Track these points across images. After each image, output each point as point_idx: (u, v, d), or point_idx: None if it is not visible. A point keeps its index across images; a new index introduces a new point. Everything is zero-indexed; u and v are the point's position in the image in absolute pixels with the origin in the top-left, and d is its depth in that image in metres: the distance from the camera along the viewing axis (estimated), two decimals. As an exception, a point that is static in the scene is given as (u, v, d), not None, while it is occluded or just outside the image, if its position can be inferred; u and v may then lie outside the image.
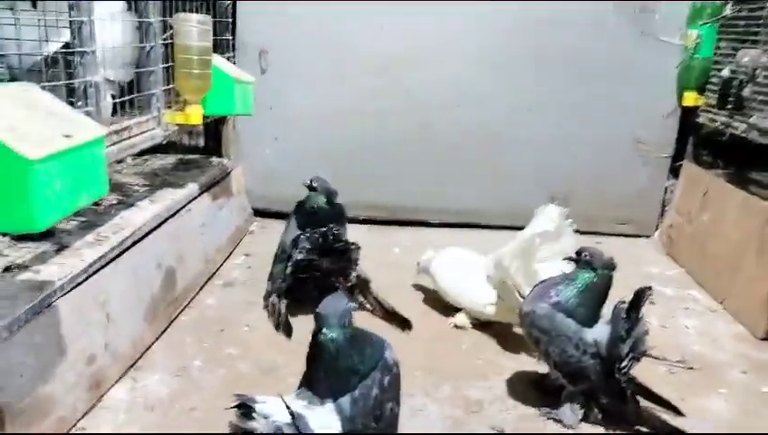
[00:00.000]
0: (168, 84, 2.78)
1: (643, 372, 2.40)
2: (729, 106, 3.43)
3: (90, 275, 2.07)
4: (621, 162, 3.96)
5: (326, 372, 1.53)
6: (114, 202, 2.72)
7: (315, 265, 2.59)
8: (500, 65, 3.83)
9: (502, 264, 2.51)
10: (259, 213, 3.98)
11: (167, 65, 2.74)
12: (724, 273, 3.13)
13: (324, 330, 1.50)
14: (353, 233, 3.49)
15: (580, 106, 3.88)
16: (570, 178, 3.91)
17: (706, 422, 2.16)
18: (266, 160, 3.94)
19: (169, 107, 2.86)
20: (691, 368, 2.50)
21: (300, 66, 3.84)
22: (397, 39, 3.80)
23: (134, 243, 2.40)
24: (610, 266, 2.08)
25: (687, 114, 3.86)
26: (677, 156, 3.96)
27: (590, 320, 2.07)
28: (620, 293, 2.19)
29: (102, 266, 2.16)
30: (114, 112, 2.53)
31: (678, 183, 3.92)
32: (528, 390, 2.29)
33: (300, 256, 2.57)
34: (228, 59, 3.52)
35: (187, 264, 2.84)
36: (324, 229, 2.56)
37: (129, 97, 2.44)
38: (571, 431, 2.09)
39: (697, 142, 3.90)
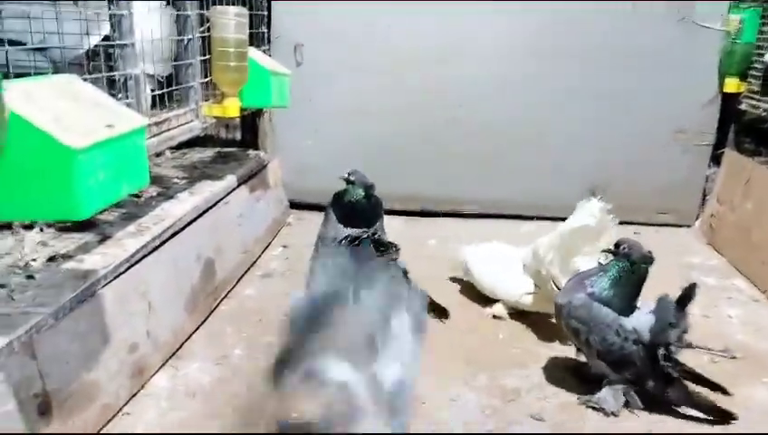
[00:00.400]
0: (205, 77, 2.81)
1: (685, 361, 2.38)
2: (772, 92, 3.35)
3: (131, 265, 2.11)
4: (661, 151, 3.89)
5: None
6: (154, 194, 2.77)
7: None
8: (535, 56, 3.79)
9: (538, 253, 2.50)
10: (295, 205, 4.02)
11: (204, 58, 2.77)
12: (767, 262, 3.05)
13: None
14: (390, 225, 3.50)
15: (619, 95, 3.82)
16: (609, 167, 3.85)
17: (751, 411, 2.11)
18: (302, 153, 3.97)
19: (207, 100, 2.89)
20: (734, 357, 2.45)
21: (334, 60, 3.86)
22: (430, 33, 3.79)
23: (174, 234, 2.44)
24: (648, 260, 2.08)
25: (729, 101, 3.77)
26: (719, 144, 3.87)
27: (626, 310, 2.09)
28: (661, 283, 2.20)
29: (144, 257, 2.20)
30: (153, 106, 2.57)
31: (720, 171, 3.84)
32: (566, 377, 2.27)
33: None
34: (264, 52, 3.55)
35: (226, 255, 2.88)
36: (365, 234, 2.53)
37: (169, 90, 2.47)
38: (612, 419, 2.06)
39: (739, 130, 3.82)
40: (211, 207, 2.81)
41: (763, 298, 2.99)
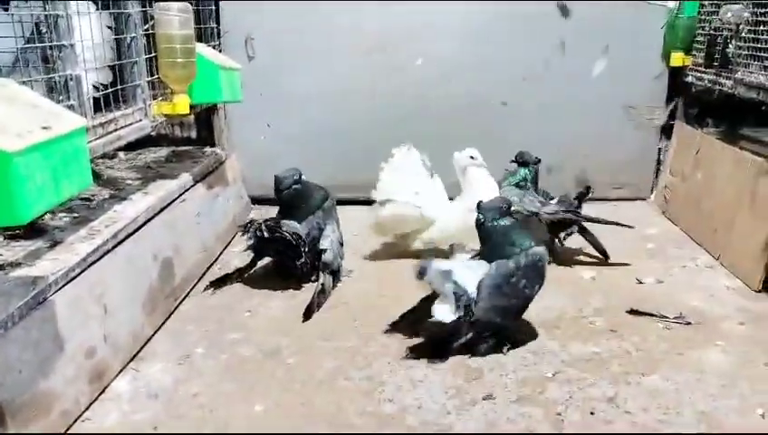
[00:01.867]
0: (152, 75, 2.77)
1: (641, 329, 2.45)
2: (715, 64, 3.42)
3: (84, 269, 2.08)
4: (614, 127, 3.96)
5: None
6: (107, 196, 2.74)
7: (266, 249, 2.91)
8: (490, 37, 3.83)
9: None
10: (258, 201, 3.99)
11: (150, 56, 2.73)
12: (719, 229, 3.14)
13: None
14: (354, 215, 3.53)
15: (571, 74, 3.88)
16: (564, 145, 3.91)
17: (705, 374, 2.17)
18: (261, 148, 3.95)
19: (156, 98, 2.85)
20: (689, 323, 2.51)
21: (288, 51, 3.84)
22: (385, 17, 3.80)
23: (128, 235, 2.41)
24: (538, 161, 3.11)
25: (676, 75, 3.85)
26: (669, 117, 3.95)
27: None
28: (620, 254, 3.05)
29: (97, 260, 2.17)
30: (100, 108, 2.52)
31: (671, 144, 3.91)
32: (526, 355, 2.31)
33: (250, 242, 2.83)
34: (214, 47, 3.52)
35: (185, 254, 2.86)
36: (262, 222, 2.79)
37: (113, 89, 2.43)
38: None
39: (687, 102, 3.90)
40: (166, 207, 2.79)
41: (717, 265, 3.07)
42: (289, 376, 2.21)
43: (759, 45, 2.96)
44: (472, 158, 3.00)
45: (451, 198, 3.13)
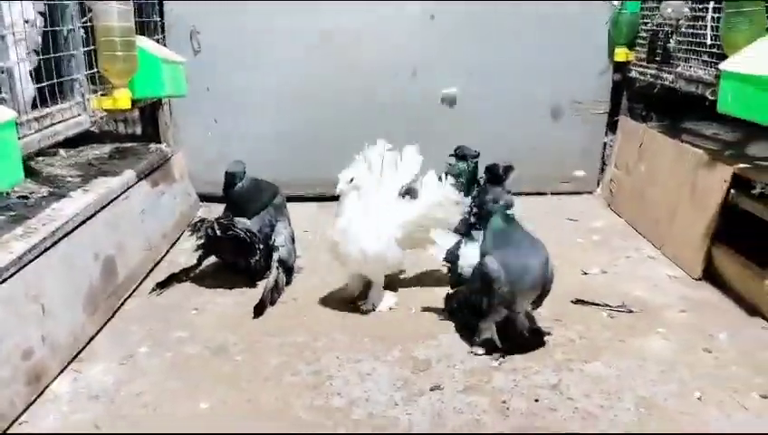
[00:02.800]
0: (91, 69, 2.70)
1: (585, 318, 2.50)
2: (657, 58, 3.51)
3: (19, 269, 2.02)
4: (561, 121, 4.02)
5: None
6: (45, 194, 2.66)
7: (218, 249, 2.89)
8: (438, 33, 3.85)
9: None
10: (206, 198, 3.93)
11: (88, 49, 2.66)
12: (661, 220, 3.22)
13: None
14: (304, 211, 3.51)
15: (518, 70, 3.92)
16: (512, 140, 3.94)
17: (647, 360, 2.23)
18: (208, 144, 3.89)
19: (96, 93, 2.78)
20: (631, 311, 2.57)
21: (236, 45, 3.79)
22: (334, 13, 3.77)
23: (67, 233, 2.34)
24: (477, 155, 3.02)
25: (620, 70, 3.93)
26: (614, 112, 4.04)
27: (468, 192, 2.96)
28: (565, 248, 3.08)
29: (33, 259, 2.10)
30: (39, 103, 2.44)
31: (616, 138, 4.00)
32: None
33: (201, 242, 2.84)
34: (157, 41, 3.45)
35: (129, 252, 2.79)
36: (213, 221, 2.76)
37: (49, 83, 2.35)
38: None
39: (631, 97, 3.99)
40: (108, 205, 2.71)
41: (659, 255, 3.15)
42: (235, 373, 2.18)
43: (698, 40, 3.04)
44: (351, 181, 2.53)
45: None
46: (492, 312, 2.21)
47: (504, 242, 2.18)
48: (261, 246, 2.77)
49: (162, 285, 2.80)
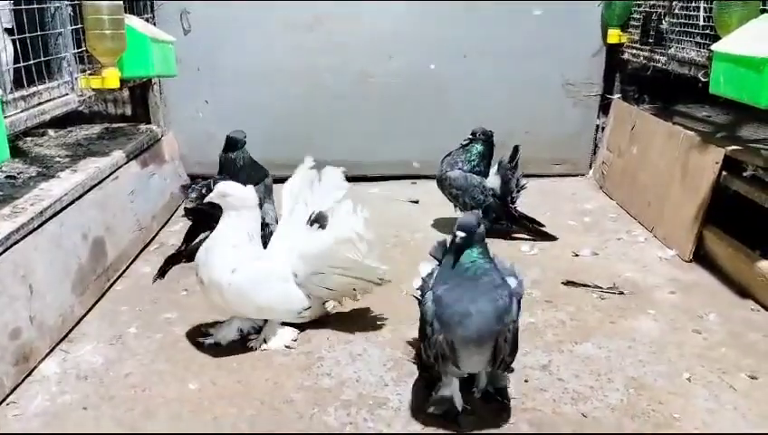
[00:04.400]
0: (79, 48, 2.66)
1: (576, 299, 2.50)
2: (650, 40, 3.50)
3: (6, 249, 2.00)
4: (554, 104, 4.00)
5: None
6: (34, 174, 2.64)
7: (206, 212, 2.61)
8: (431, 13, 3.81)
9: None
10: (197, 179, 3.89)
11: (76, 27, 2.62)
12: (653, 202, 3.22)
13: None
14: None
15: (511, 52, 3.90)
16: (505, 122, 3.91)
17: (638, 342, 2.23)
18: (199, 125, 3.85)
19: (85, 72, 2.74)
20: (622, 293, 2.57)
21: (226, 24, 3.75)
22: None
23: (55, 214, 2.32)
24: (489, 134, 3.10)
25: (613, 52, 3.91)
26: (606, 94, 4.02)
27: (485, 175, 3.11)
28: (558, 229, 3.18)
29: (20, 239, 2.08)
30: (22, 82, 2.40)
31: (608, 120, 3.99)
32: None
33: (189, 206, 2.68)
34: (147, 20, 3.40)
35: (118, 233, 2.77)
36: (208, 181, 2.62)
37: (36, 61, 2.32)
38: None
39: (624, 79, 3.97)
40: (97, 185, 2.69)
41: (650, 237, 3.15)
42: (225, 354, 2.17)
43: (691, 22, 3.03)
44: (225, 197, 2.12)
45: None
46: (436, 364, 1.78)
47: (454, 278, 1.71)
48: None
49: (162, 273, 2.54)
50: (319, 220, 2.25)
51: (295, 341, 2.24)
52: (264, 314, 2.23)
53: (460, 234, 1.69)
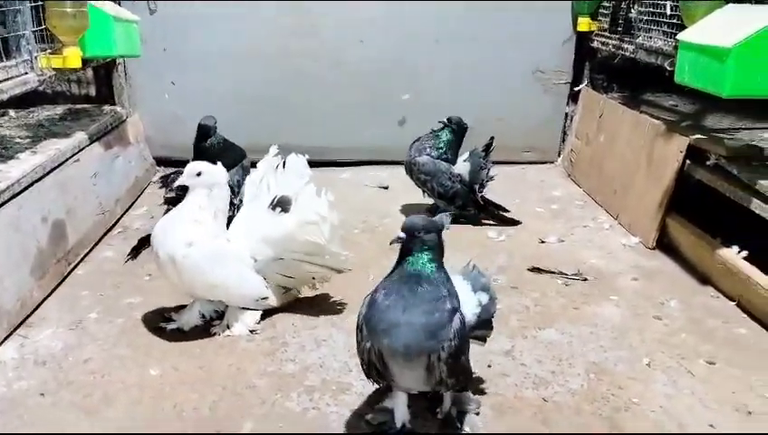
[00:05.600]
0: (39, 26, 2.59)
1: (541, 286, 2.52)
2: (620, 29, 3.52)
3: (-37, 230, 1.95)
4: (523, 91, 4.01)
5: None
6: (-9, 155, 2.57)
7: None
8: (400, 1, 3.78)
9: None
10: (163, 162, 3.84)
11: (36, 4, 2.54)
12: (618, 190, 3.25)
13: None
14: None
15: (481, 38, 3.89)
16: (474, 109, 3.90)
17: (600, 327, 2.26)
18: (165, 107, 3.79)
19: (45, 51, 2.67)
20: (586, 279, 2.60)
21: (193, 5, 3.67)
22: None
23: (13, 196, 2.27)
24: (465, 124, 3.13)
25: (582, 40, 3.93)
26: (575, 82, 4.04)
27: (453, 161, 3.12)
28: (526, 216, 3.22)
29: (-23, 221, 2.03)
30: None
31: (577, 108, 4.01)
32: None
33: (170, 195, 2.69)
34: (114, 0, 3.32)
35: (79, 216, 2.72)
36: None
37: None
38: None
39: (593, 67, 3.99)
40: (57, 167, 2.63)
41: (615, 224, 3.19)
42: (188, 340, 2.15)
43: (659, 11, 3.05)
44: (198, 175, 2.09)
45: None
46: (370, 374, 1.66)
47: (396, 283, 1.58)
48: (237, 201, 2.61)
49: (135, 253, 2.43)
50: (281, 204, 2.21)
51: (258, 324, 2.22)
52: (219, 294, 2.18)
53: (400, 235, 1.57)
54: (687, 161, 2.75)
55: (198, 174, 2.07)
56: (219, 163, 2.17)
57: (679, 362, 2.07)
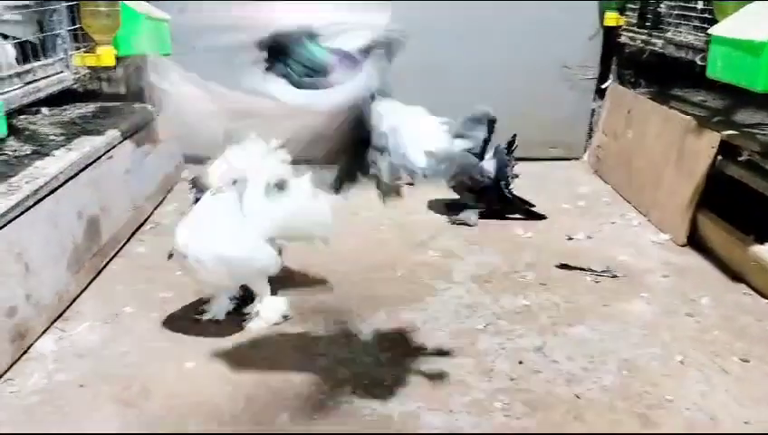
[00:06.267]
0: (74, 25, 2.63)
1: (570, 282, 2.52)
2: (648, 24, 3.49)
3: (2, 226, 1.99)
4: (549, 87, 4.00)
5: None
6: (28, 152, 2.60)
7: None
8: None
9: None
10: (190, 159, 3.88)
11: (71, 3, 2.59)
12: (647, 186, 3.23)
13: None
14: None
15: (509, 33, 3.88)
16: (500, 105, 3.91)
17: (630, 324, 2.25)
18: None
19: (80, 49, 2.72)
20: (615, 276, 2.59)
21: (221, 4, 3.69)
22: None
23: (51, 192, 2.31)
24: (493, 119, 3.14)
25: (610, 35, 3.90)
26: (602, 77, 4.01)
27: (482, 158, 3.13)
28: (553, 212, 3.22)
29: (16, 217, 2.07)
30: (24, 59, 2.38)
31: (604, 104, 3.98)
32: (459, 309, 2.34)
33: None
34: (144, -1, 3.37)
35: (113, 212, 2.76)
36: None
37: (31, 37, 2.29)
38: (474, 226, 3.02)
39: (621, 62, 3.96)
40: (91, 164, 2.67)
41: (645, 221, 3.17)
42: (221, 333, 2.18)
43: (689, 5, 3.02)
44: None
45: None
46: None
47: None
48: None
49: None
50: (279, 186, 2.23)
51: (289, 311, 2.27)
52: (260, 278, 2.24)
53: None
54: (719, 157, 2.72)
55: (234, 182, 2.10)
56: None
57: (713, 360, 2.05)
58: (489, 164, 3.13)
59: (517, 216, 3.19)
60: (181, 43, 3.31)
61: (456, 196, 3.21)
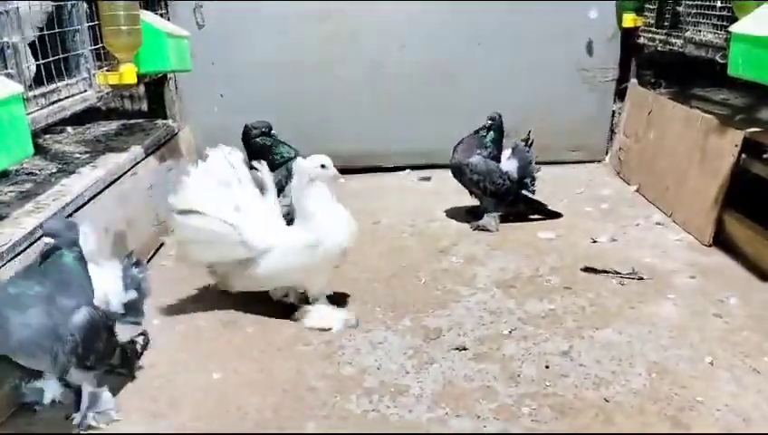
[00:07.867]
0: (96, 44, 2.68)
1: (595, 285, 2.50)
2: (666, 24, 3.46)
3: (31, 243, 2.03)
4: (569, 90, 3.98)
5: None
6: (54, 171, 2.67)
7: None
8: (443, 2, 3.79)
9: None
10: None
11: (92, 24, 2.64)
12: (671, 187, 3.20)
13: None
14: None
15: (527, 36, 3.87)
16: (521, 110, 3.90)
17: (657, 326, 2.23)
18: (215, 119, 3.87)
19: (102, 68, 2.76)
20: (641, 278, 2.56)
21: (239, 18, 3.76)
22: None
23: (77, 209, 2.35)
24: (500, 120, 3.10)
25: (628, 36, 3.88)
26: (622, 79, 3.99)
27: (499, 159, 3.13)
28: (575, 215, 3.22)
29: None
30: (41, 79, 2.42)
31: (624, 106, 3.96)
32: (483, 315, 2.34)
33: None
34: (161, 15, 3.42)
35: (138, 227, 2.80)
36: None
37: (54, 58, 2.34)
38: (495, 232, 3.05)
39: (640, 63, 3.94)
40: (116, 180, 2.72)
41: (669, 222, 3.13)
42: (247, 344, 2.20)
43: (708, 4, 3.00)
44: (323, 167, 2.23)
45: (290, 222, 2.38)
46: None
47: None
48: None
49: None
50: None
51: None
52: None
53: (47, 240, 1.69)
54: (743, 155, 2.69)
55: (323, 166, 2.24)
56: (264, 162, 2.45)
57: (743, 360, 2.02)
58: (508, 165, 3.11)
59: (536, 216, 3.21)
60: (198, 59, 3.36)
61: (476, 202, 3.20)
